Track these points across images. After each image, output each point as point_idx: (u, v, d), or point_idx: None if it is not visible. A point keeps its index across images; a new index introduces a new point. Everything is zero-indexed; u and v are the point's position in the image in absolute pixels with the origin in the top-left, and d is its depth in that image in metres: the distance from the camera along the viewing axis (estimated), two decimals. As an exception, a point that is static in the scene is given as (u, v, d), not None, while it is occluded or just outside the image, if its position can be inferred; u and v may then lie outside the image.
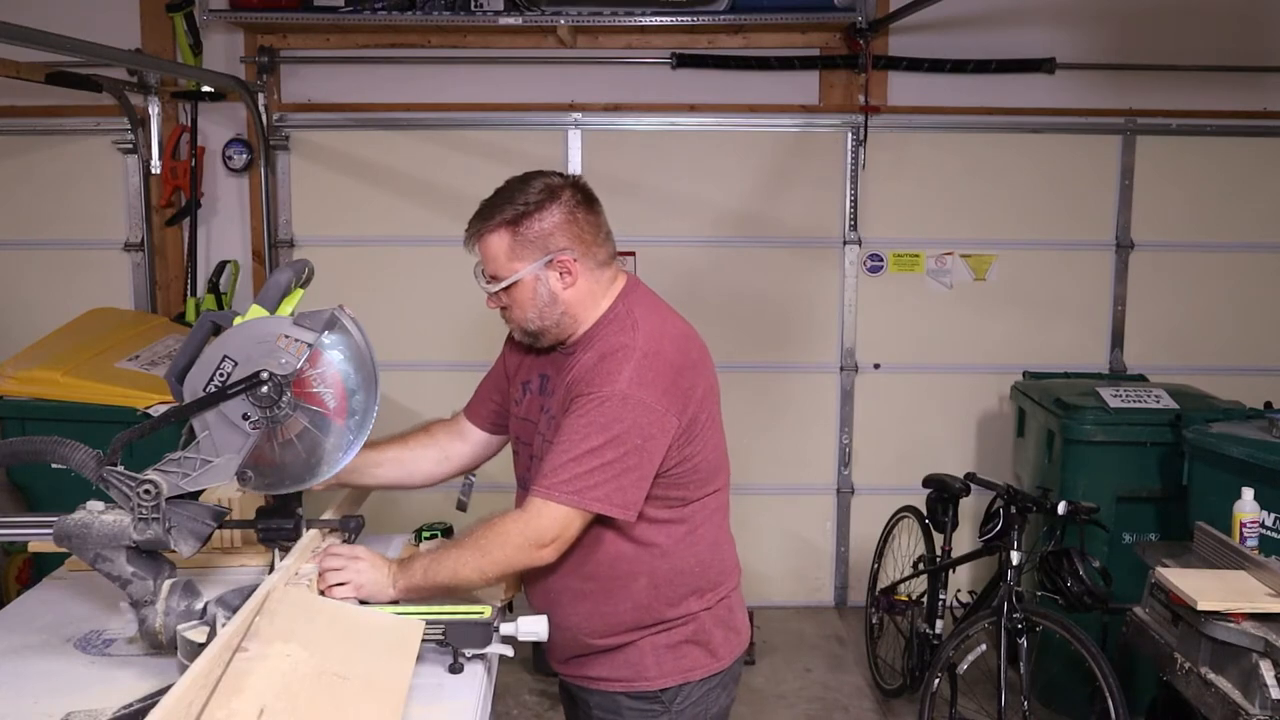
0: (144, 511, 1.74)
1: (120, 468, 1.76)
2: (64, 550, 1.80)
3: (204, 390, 1.77)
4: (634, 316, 1.92)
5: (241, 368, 1.77)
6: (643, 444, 1.81)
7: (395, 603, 1.84)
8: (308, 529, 2.03)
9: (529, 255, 1.90)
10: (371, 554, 1.90)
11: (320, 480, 1.88)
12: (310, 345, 1.80)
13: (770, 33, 4.45)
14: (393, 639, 1.70)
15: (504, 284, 1.93)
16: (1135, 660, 3.10)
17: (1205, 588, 2.55)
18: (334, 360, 1.84)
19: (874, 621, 4.10)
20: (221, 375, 1.77)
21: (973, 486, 3.59)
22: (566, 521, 1.80)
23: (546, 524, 1.80)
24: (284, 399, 1.78)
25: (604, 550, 1.91)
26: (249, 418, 1.78)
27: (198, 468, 1.79)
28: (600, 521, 1.86)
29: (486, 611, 1.77)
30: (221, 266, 4.52)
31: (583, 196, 1.94)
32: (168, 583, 1.76)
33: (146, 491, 1.73)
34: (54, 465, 1.79)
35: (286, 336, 1.80)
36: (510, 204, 1.90)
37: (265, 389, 1.76)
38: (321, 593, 1.83)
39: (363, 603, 1.83)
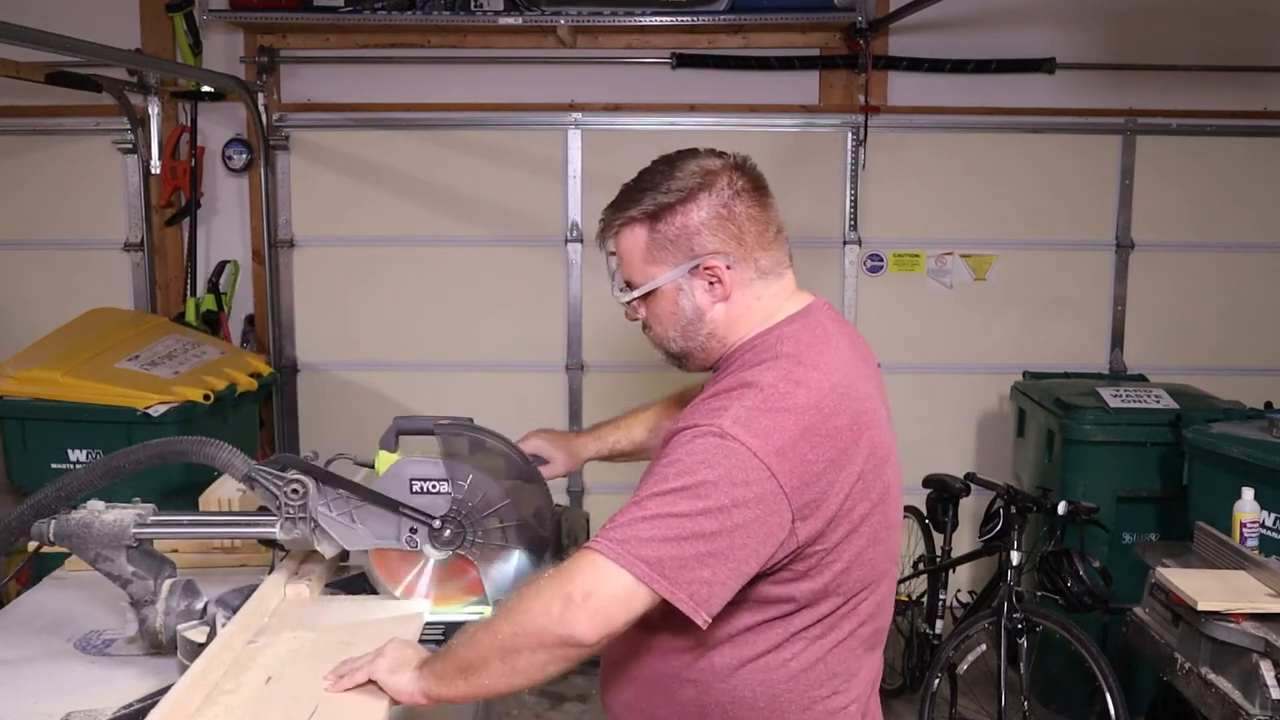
0: (290, 511, 1.76)
1: (267, 468, 1.77)
2: (64, 550, 1.80)
3: (411, 483, 1.82)
4: (781, 347, 1.46)
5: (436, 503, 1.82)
6: (731, 507, 1.30)
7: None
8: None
9: (669, 258, 1.50)
10: (398, 649, 1.51)
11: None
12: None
13: (770, 33, 4.45)
14: (395, 618, 1.76)
15: (636, 293, 1.53)
16: (1135, 660, 3.10)
17: (1205, 588, 2.55)
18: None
19: (874, 621, 4.10)
20: (431, 488, 1.83)
21: (973, 486, 3.59)
22: (604, 579, 1.30)
23: (579, 575, 1.31)
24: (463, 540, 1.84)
25: (648, 628, 1.45)
26: (414, 532, 1.82)
27: (342, 513, 1.81)
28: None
29: (487, 612, 1.77)
30: (221, 266, 4.52)
31: (746, 183, 1.50)
32: (168, 583, 1.76)
33: (294, 490, 1.75)
34: (199, 463, 1.79)
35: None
36: (652, 191, 1.50)
37: (445, 530, 1.82)
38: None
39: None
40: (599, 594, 1.29)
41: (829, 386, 1.41)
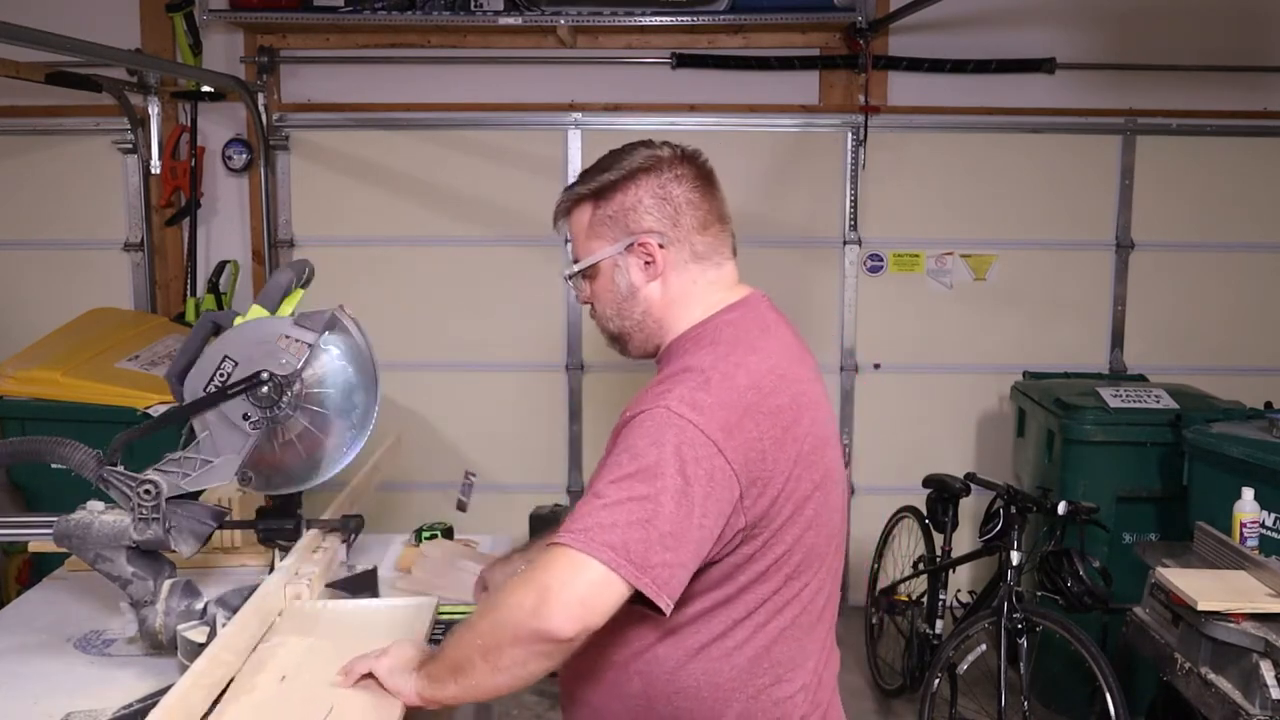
0: (144, 511, 1.74)
1: (120, 468, 1.76)
2: (64, 550, 1.80)
3: (204, 391, 1.78)
4: (721, 336, 1.49)
5: (242, 368, 1.77)
6: (685, 486, 1.31)
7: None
8: (308, 529, 2.03)
9: (608, 234, 1.55)
10: (401, 649, 1.51)
11: (320, 480, 1.86)
12: (310, 345, 1.80)
13: (770, 33, 4.45)
14: (403, 617, 1.76)
15: (577, 268, 1.60)
16: (1135, 660, 3.10)
17: (1205, 588, 2.55)
18: (334, 360, 1.84)
19: (874, 622, 4.10)
20: (222, 375, 1.77)
21: (973, 486, 3.59)
22: (574, 570, 1.29)
23: (548, 568, 1.32)
24: (284, 399, 1.78)
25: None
26: (249, 418, 1.78)
27: (198, 468, 1.79)
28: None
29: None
30: (221, 266, 4.52)
31: (690, 170, 1.56)
32: (168, 583, 1.76)
33: (147, 491, 1.73)
34: (53, 465, 1.79)
35: (287, 337, 1.80)
36: (600, 172, 1.57)
37: (266, 389, 1.76)
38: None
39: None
40: (571, 585, 1.29)
41: (768, 368, 1.44)
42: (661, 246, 1.53)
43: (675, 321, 1.55)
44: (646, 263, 1.54)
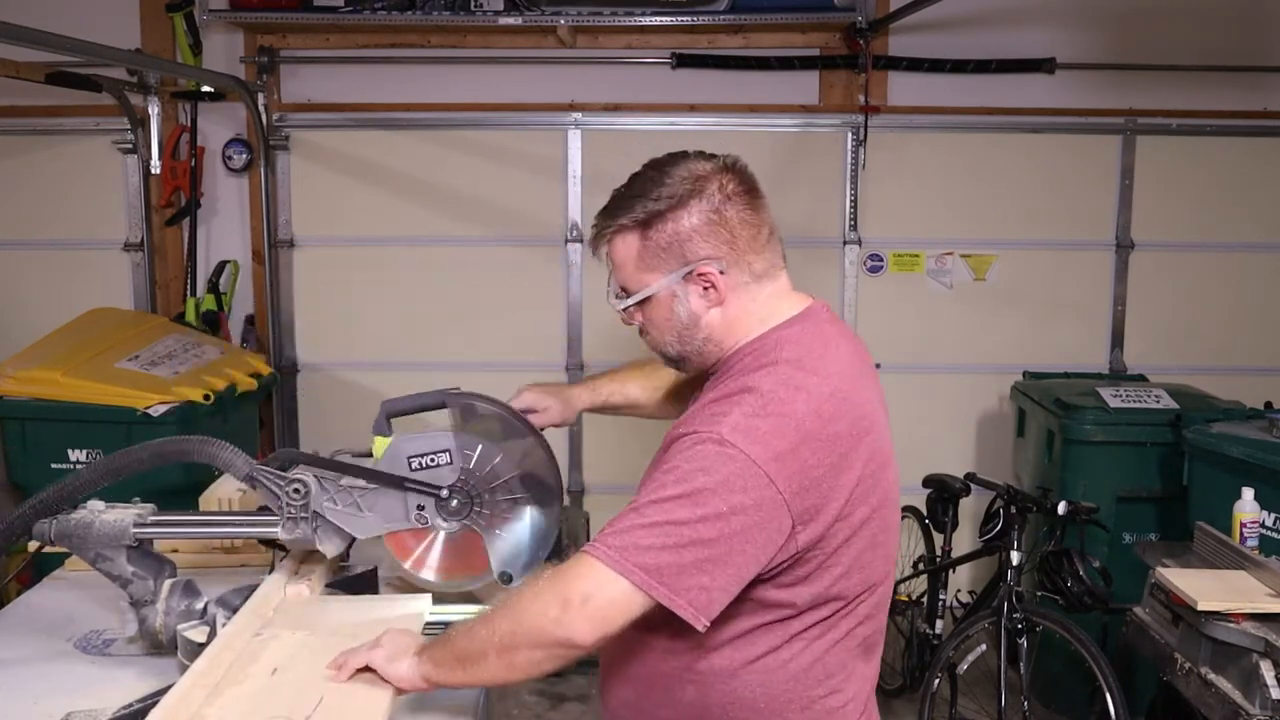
0: (293, 510, 1.76)
1: (268, 468, 1.78)
2: (64, 550, 1.80)
3: (410, 461, 1.83)
4: (780, 352, 1.45)
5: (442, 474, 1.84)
6: (730, 514, 1.31)
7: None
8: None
9: (662, 265, 1.49)
10: (394, 638, 1.53)
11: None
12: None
13: (770, 33, 4.45)
14: (398, 616, 1.76)
15: (630, 301, 1.53)
16: (1135, 660, 3.10)
17: (1205, 588, 2.55)
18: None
19: (874, 621, 4.09)
20: (431, 461, 1.83)
21: (973, 486, 3.59)
22: (601, 584, 1.31)
23: (577, 580, 1.33)
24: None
25: (649, 628, 1.44)
26: (422, 509, 1.83)
27: (348, 505, 1.81)
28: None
29: (479, 609, 1.78)
30: (221, 266, 4.52)
31: (737, 185, 1.49)
32: (168, 583, 1.76)
33: (296, 490, 1.76)
34: (199, 461, 1.79)
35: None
36: (643, 199, 1.49)
37: (452, 501, 1.84)
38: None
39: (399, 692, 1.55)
40: (597, 599, 1.31)
41: (829, 392, 1.41)
42: (721, 273, 1.47)
43: (735, 339, 1.52)
44: (705, 288, 1.48)
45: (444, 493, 1.83)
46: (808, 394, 1.39)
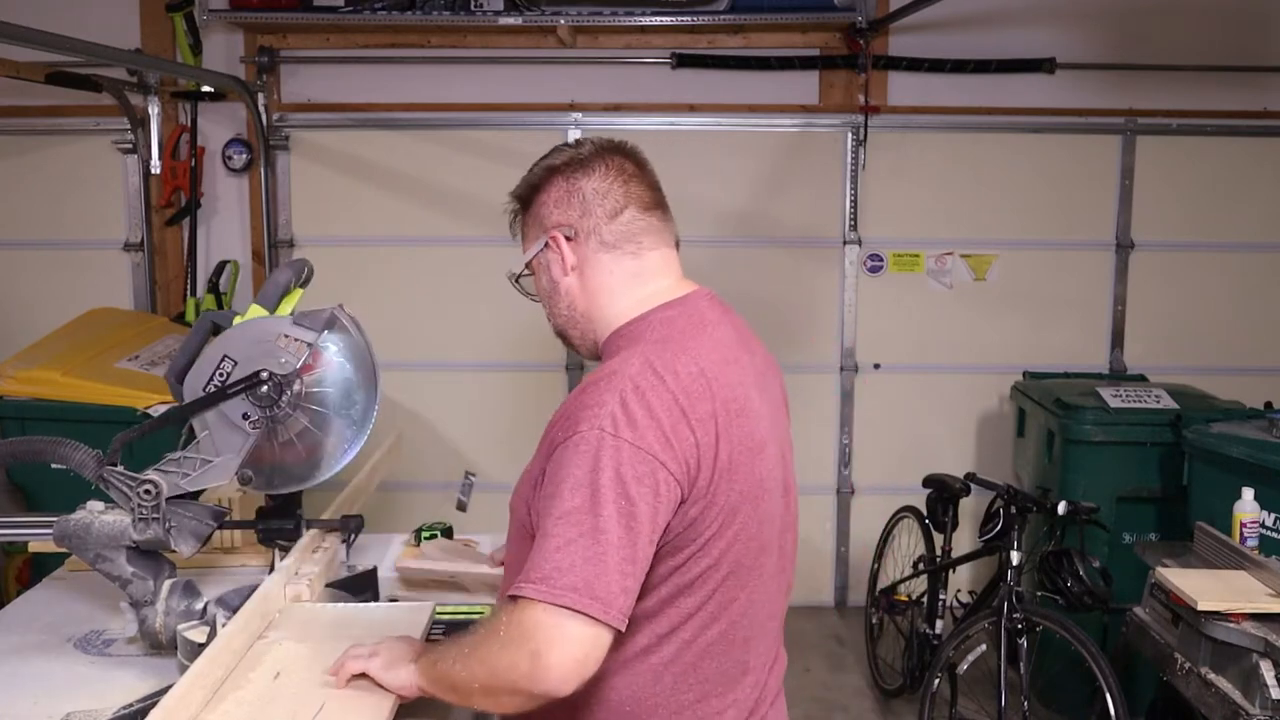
0: (144, 511, 1.74)
1: (120, 468, 1.76)
2: (64, 550, 1.80)
3: (204, 390, 1.78)
4: (649, 334, 1.45)
5: (241, 367, 1.77)
6: (632, 507, 1.28)
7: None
8: (308, 529, 2.03)
9: (532, 235, 1.61)
10: (391, 645, 1.51)
11: (321, 479, 1.85)
12: (310, 344, 1.80)
13: (770, 33, 4.45)
14: (400, 619, 1.76)
15: (516, 272, 1.67)
16: (1135, 660, 3.10)
17: (1205, 588, 2.55)
18: (333, 359, 1.84)
19: (874, 621, 4.10)
20: (221, 375, 1.77)
21: (973, 486, 3.59)
22: (555, 629, 1.24)
23: (533, 631, 1.26)
24: (284, 398, 1.78)
25: None
26: (249, 417, 1.78)
27: (198, 467, 1.79)
28: None
29: (487, 610, 1.77)
30: (221, 266, 4.52)
31: (606, 162, 1.55)
32: (168, 583, 1.76)
33: (146, 491, 1.73)
34: (53, 465, 1.79)
35: (286, 336, 1.80)
36: (527, 175, 1.60)
37: (265, 388, 1.76)
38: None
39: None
40: (558, 647, 1.24)
41: (696, 372, 1.39)
42: (569, 239, 1.53)
43: (603, 314, 1.53)
44: (555, 253, 1.55)
45: (265, 373, 1.76)
46: (675, 374, 1.37)
